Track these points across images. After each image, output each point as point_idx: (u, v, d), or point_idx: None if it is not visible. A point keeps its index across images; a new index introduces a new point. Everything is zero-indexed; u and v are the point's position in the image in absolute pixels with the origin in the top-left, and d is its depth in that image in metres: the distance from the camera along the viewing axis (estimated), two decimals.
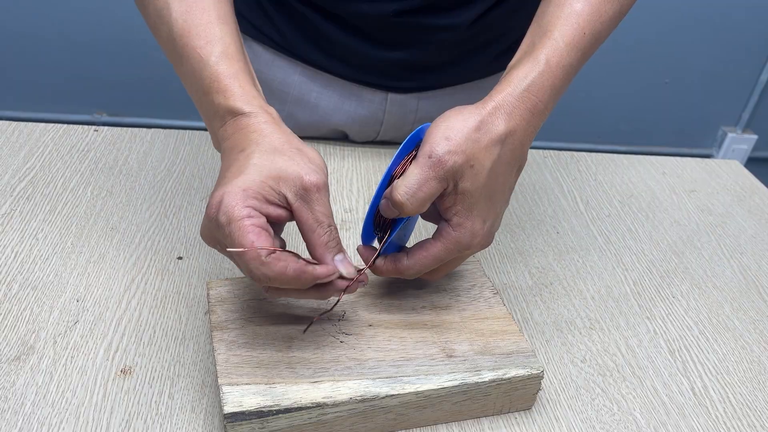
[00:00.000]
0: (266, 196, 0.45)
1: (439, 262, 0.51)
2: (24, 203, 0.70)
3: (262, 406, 0.46)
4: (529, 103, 0.51)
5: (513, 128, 0.50)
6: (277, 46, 0.80)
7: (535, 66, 0.51)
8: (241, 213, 0.44)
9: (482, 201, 0.50)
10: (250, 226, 0.44)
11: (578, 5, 0.54)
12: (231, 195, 0.44)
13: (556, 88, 0.52)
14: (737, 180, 0.90)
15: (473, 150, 0.48)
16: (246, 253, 0.43)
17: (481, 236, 0.51)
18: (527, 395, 0.53)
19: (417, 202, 0.48)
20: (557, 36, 0.53)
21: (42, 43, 1.76)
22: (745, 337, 0.64)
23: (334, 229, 0.47)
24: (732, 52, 2.00)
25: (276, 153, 0.47)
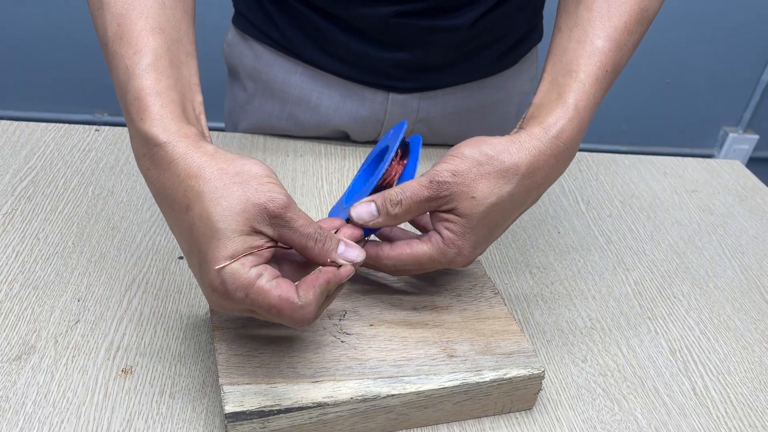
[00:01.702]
0: (251, 245, 0.43)
1: (417, 264, 0.51)
2: (25, 203, 0.70)
3: (263, 406, 0.46)
4: (556, 150, 0.50)
5: (532, 171, 0.50)
6: (278, 45, 0.80)
7: (566, 112, 0.51)
8: (250, 278, 0.42)
9: (479, 229, 0.50)
10: (267, 284, 0.42)
11: (599, 42, 0.53)
12: (228, 270, 0.42)
13: (582, 131, 0.52)
14: (738, 180, 0.90)
15: (476, 182, 0.49)
16: (283, 309, 0.42)
17: (467, 258, 0.51)
18: (528, 395, 0.53)
19: (402, 214, 0.49)
20: (583, 77, 0.52)
21: (43, 43, 1.76)
22: (746, 337, 0.64)
23: (320, 231, 0.45)
24: (733, 52, 2.00)
25: (225, 195, 0.43)
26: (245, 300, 0.43)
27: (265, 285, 0.42)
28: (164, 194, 0.45)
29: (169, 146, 0.45)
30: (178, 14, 0.51)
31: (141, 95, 0.46)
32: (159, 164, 0.45)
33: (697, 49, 1.98)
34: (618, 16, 0.54)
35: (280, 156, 0.82)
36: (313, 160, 0.82)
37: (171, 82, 0.47)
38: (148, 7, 0.49)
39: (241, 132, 0.87)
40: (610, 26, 0.53)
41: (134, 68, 0.47)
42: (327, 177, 0.79)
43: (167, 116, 0.46)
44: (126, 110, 0.47)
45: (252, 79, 0.84)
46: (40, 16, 1.72)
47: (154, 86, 0.46)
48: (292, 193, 0.76)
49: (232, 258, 0.42)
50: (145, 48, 0.48)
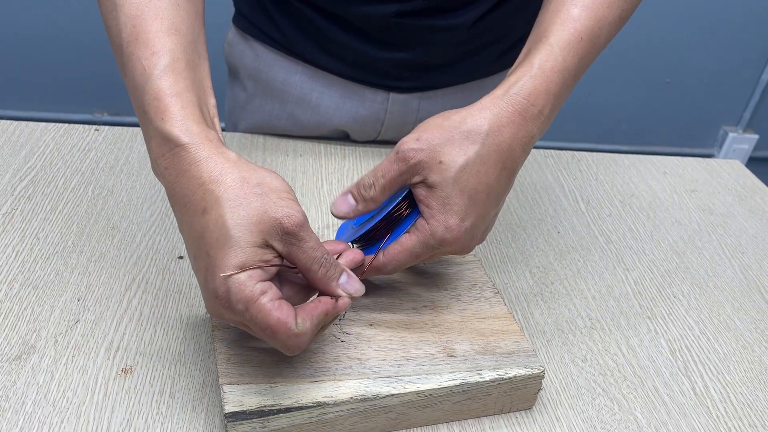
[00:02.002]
0: (261, 258, 0.43)
1: (414, 256, 0.51)
2: (25, 202, 0.70)
3: (263, 406, 0.46)
4: (519, 106, 0.50)
5: (496, 128, 0.49)
6: (278, 45, 0.80)
7: (528, 70, 0.51)
8: (254, 293, 0.42)
9: (456, 196, 0.49)
10: (269, 304, 0.42)
11: (575, 10, 0.53)
12: (235, 280, 0.42)
13: (552, 92, 0.51)
14: (738, 180, 0.90)
15: (442, 146, 0.48)
16: (278, 333, 0.42)
17: (457, 233, 0.49)
18: (528, 395, 0.53)
19: (378, 195, 0.49)
20: (552, 41, 0.52)
21: (43, 43, 1.76)
22: (746, 337, 0.64)
23: (327, 257, 0.45)
24: (733, 51, 2.00)
25: (243, 203, 0.43)
26: (244, 314, 0.42)
27: (267, 304, 0.42)
28: (180, 195, 0.45)
29: (191, 147, 0.45)
30: (191, 15, 0.51)
31: (160, 96, 0.46)
32: (179, 165, 0.45)
33: (697, 48, 1.98)
34: None
35: (280, 156, 0.82)
36: (313, 160, 0.82)
37: (188, 84, 0.47)
38: (163, 8, 0.49)
39: (241, 132, 0.87)
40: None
41: (152, 69, 0.47)
42: (327, 177, 0.79)
43: (188, 118, 0.46)
44: (143, 111, 0.47)
45: (252, 79, 0.84)
46: (40, 16, 1.72)
47: (173, 87, 0.46)
48: None
49: (241, 268, 0.42)
50: (162, 49, 0.47)
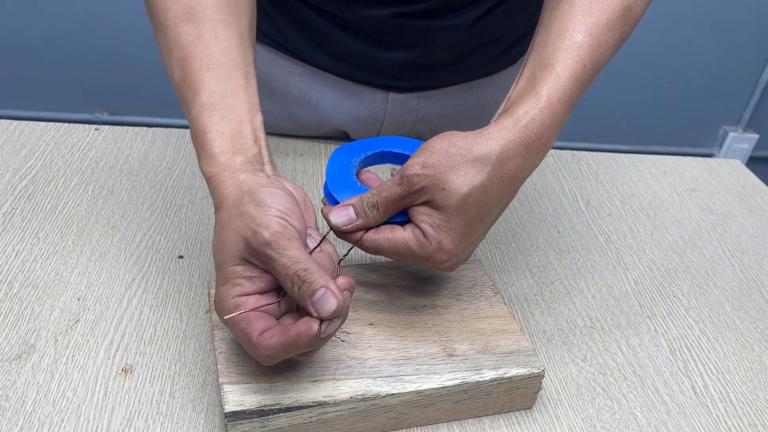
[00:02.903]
0: (242, 275, 0.45)
1: (395, 253, 0.51)
2: (25, 202, 0.70)
3: (263, 405, 0.46)
4: (526, 140, 0.50)
5: (502, 161, 0.49)
6: (277, 45, 0.80)
7: (537, 102, 0.50)
8: (228, 307, 0.44)
9: (455, 222, 0.49)
10: (237, 317, 0.44)
11: (579, 36, 0.52)
12: (217, 293, 0.46)
13: (557, 124, 0.51)
14: (738, 179, 0.90)
15: (446, 173, 0.48)
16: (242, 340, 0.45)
17: (447, 255, 0.49)
18: (528, 394, 0.53)
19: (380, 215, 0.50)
20: (559, 70, 0.51)
21: (43, 43, 1.76)
22: (746, 337, 0.64)
23: (301, 273, 0.43)
24: (733, 51, 1.99)
25: (227, 226, 0.46)
26: (226, 324, 0.46)
27: (237, 316, 0.44)
28: None
29: (214, 180, 0.49)
30: (233, 42, 0.53)
31: (197, 135, 0.50)
32: (211, 192, 0.50)
33: (697, 48, 1.98)
34: (600, 12, 0.53)
35: (280, 156, 0.82)
36: (313, 160, 0.82)
37: (224, 114, 0.50)
38: (203, 46, 0.52)
39: None
40: (591, 21, 0.53)
41: (191, 110, 0.51)
42: None
43: (215, 151, 0.49)
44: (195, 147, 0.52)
45: None
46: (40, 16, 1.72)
47: (206, 124, 0.50)
48: None
49: (224, 283, 0.45)
50: (200, 88, 0.51)
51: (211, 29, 0.52)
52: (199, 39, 0.52)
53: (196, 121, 0.50)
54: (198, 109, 0.50)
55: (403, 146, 0.58)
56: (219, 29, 0.52)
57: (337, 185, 0.54)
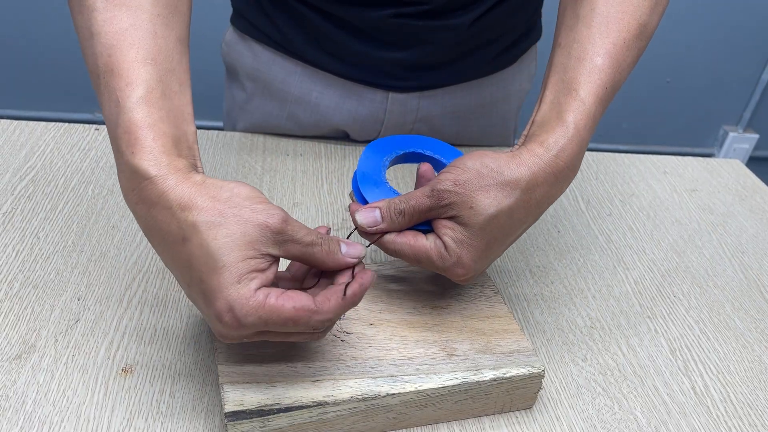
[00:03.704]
0: (256, 268, 0.43)
1: (415, 260, 0.52)
2: (25, 202, 0.70)
3: (263, 405, 0.46)
4: (556, 168, 0.51)
5: (531, 187, 0.50)
6: (277, 45, 0.80)
7: (566, 131, 0.51)
8: (259, 300, 0.42)
9: (477, 239, 0.50)
10: (278, 300, 0.43)
11: (599, 59, 0.53)
12: (235, 296, 0.42)
13: (583, 150, 0.52)
14: (738, 179, 0.90)
15: (476, 192, 0.49)
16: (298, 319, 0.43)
17: (466, 269, 0.51)
18: (528, 394, 0.53)
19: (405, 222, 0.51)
20: (583, 95, 0.52)
21: (43, 43, 1.76)
22: (746, 337, 0.64)
23: (320, 235, 0.46)
24: (733, 51, 1.99)
25: (222, 224, 0.43)
26: (258, 323, 0.43)
27: (276, 301, 0.42)
28: (155, 228, 0.45)
29: (159, 180, 0.44)
30: (171, 43, 0.50)
31: (132, 128, 0.45)
32: (148, 198, 0.44)
33: (697, 48, 1.98)
34: (617, 32, 0.54)
35: (280, 156, 0.82)
36: (313, 160, 0.82)
37: (163, 114, 0.46)
38: (139, 38, 0.48)
39: (240, 131, 0.87)
40: (609, 42, 0.53)
41: (125, 101, 0.46)
42: (327, 176, 0.79)
43: (158, 149, 0.45)
44: (116, 144, 0.46)
45: (251, 79, 0.84)
46: (40, 15, 1.72)
47: (146, 119, 0.45)
48: (292, 192, 0.76)
49: (238, 281, 0.42)
50: (136, 80, 0.46)
51: (149, 23, 0.48)
52: (134, 28, 0.48)
53: (132, 113, 0.45)
54: (135, 101, 0.46)
55: (436, 149, 0.59)
56: (157, 25, 0.49)
57: (367, 183, 0.55)
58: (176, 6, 0.51)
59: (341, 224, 0.72)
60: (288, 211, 0.73)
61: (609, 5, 0.54)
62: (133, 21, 0.48)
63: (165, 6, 0.50)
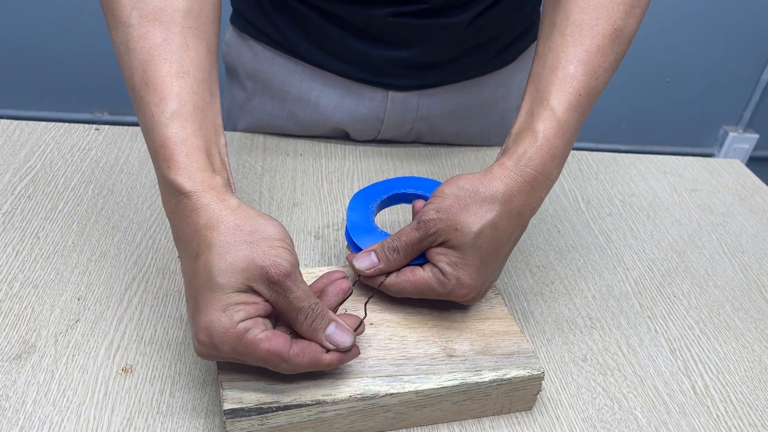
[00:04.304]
0: (245, 301, 0.44)
1: (418, 293, 0.53)
2: (25, 202, 0.70)
3: (262, 403, 0.46)
4: (528, 177, 0.52)
5: (508, 198, 0.52)
6: (276, 45, 0.80)
7: (534, 141, 0.53)
8: (238, 333, 0.43)
9: (471, 257, 0.51)
10: (256, 338, 0.44)
11: (571, 68, 0.54)
12: (217, 323, 0.44)
13: (557, 157, 0.53)
14: (738, 179, 0.90)
15: (458, 215, 0.51)
16: (268, 360, 0.44)
17: (467, 289, 0.52)
18: (528, 396, 0.53)
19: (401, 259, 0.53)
20: (554, 104, 0.53)
21: (43, 43, 1.76)
22: (746, 337, 0.64)
23: (315, 307, 0.46)
24: (733, 51, 1.99)
25: (232, 250, 0.44)
26: (231, 353, 0.44)
27: (253, 339, 0.44)
28: (181, 239, 0.47)
29: (194, 196, 0.46)
30: (202, 54, 0.51)
31: (166, 144, 0.47)
32: (182, 211, 0.46)
33: (697, 48, 1.97)
34: (590, 39, 0.54)
35: (280, 155, 0.82)
36: (313, 160, 0.82)
37: (196, 128, 0.48)
38: (173, 51, 0.49)
39: (240, 131, 0.87)
40: (582, 50, 0.54)
41: (159, 116, 0.48)
42: (327, 176, 0.79)
43: (193, 166, 0.47)
44: (153, 156, 0.49)
45: (251, 79, 0.84)
46: (40, 15, 1.72)
47: (179, 134, 0.47)
48: (292, 192, 0.76)
49: (224, 310, 0.44)
50: (170, 94, 0.48)
51: (181, 36, 0.50)
52: (167, 42, 0.49)
53: (165, 128, 0.47)
54: (168, 116, 0.48)
55: (418, 186, 0.61)
56: (189, 37, 0.50)
57: (358, 232, 0.57)
58: (207, 16, 0.53)
59: (341, 224, 0.72)
60: (288, 211, 0.73)
61: (583, 12, 0.54)
62: (166, 35, 0.50)
63: (196, 18, 0.51)
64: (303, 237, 0.69)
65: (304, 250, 0.68)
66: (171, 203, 0.47)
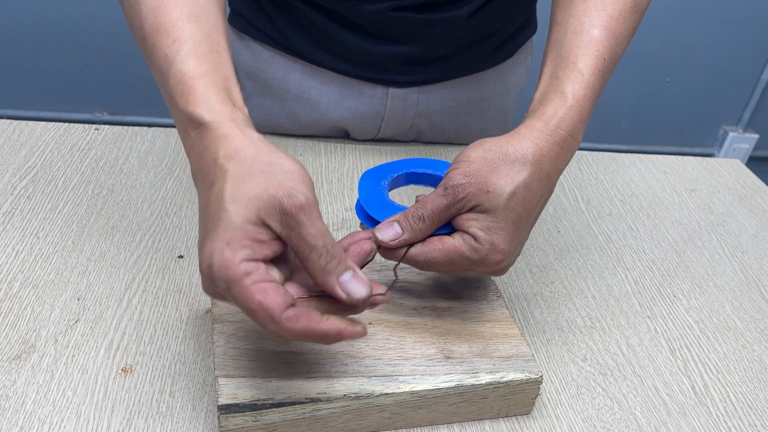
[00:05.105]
0: (253, 237, 0.41)
1: (449, 262, 0.50)
2: (25, 202, 0.70)
3: (256, 399, 0.46)
4: (559, 138, 0.51)
5: (538, 160, 0.50)
6: (275, 44, 0.80)
7: (564, 102, 0.52)
8: (237, 273, 0.40)
9: (503, 221, 0.49)
10: (253, 286, 0.40)
11: (596, 32, 0.54)
12: (218, 255, 0.40)
13: (584, 120, 0.53)
14: (738, 179, 0.90)
15: (488, 177, 0.49)
16: (257, 315, 0.40)
17: (501, 255, 0.49)
18: (525, 400, 0.53)
19: (426, 228, 0.50)
20: (581, 67, 0.53)
21: (43, 42, 1.76)
22: (746, 336, 0.64)
23: (331, 248, 0.42)
24: (733, 50, 1.99)
25: (247, 179, 0.42)
26: (226, 293, 0.41)
27: (250, 286, 0.40)
28: (199, 171, 0.45)
29: (214, 125, 0.45)
30: (211, 3, 0.51)
31: (184, 79, 0.46)
32: (201, 143, 0.45)
33: (697, 48, 1.97)
34: (612, 5, 0.55)
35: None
36: (313, 159, 0.82)
37: (212, 66, 0.47)
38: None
39: None
40: (605, 15, 0.54)
41: (174, 56, 0.47)
42: (327, 176, 0.79)
43: (212, 98, 0.46)
44: (169, 96, 0.47)
45: (250, 78, 0.84)
46: (40, 15, 1.72)
47: (196, 70, 0.47)
48: None
49: (228, 243, 0.40)
50: (183, 36, 0.48)
51: None
52: None
53: (182, 65, 0.46)
54: (185, 54, 0.47)
55: (428, 166, 0.58)
56: None
57: (373, 206, 0.53)
58: None
59: (341, 224, 0.72)
60: None
61: None
62: None
63: None
64: None
65: None
66: (190, 137, 0.46)
